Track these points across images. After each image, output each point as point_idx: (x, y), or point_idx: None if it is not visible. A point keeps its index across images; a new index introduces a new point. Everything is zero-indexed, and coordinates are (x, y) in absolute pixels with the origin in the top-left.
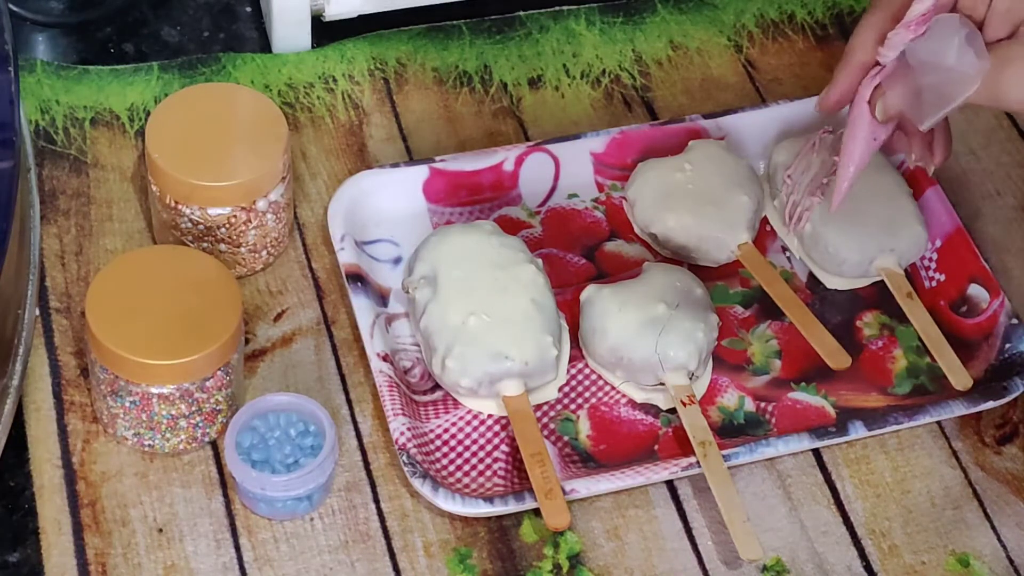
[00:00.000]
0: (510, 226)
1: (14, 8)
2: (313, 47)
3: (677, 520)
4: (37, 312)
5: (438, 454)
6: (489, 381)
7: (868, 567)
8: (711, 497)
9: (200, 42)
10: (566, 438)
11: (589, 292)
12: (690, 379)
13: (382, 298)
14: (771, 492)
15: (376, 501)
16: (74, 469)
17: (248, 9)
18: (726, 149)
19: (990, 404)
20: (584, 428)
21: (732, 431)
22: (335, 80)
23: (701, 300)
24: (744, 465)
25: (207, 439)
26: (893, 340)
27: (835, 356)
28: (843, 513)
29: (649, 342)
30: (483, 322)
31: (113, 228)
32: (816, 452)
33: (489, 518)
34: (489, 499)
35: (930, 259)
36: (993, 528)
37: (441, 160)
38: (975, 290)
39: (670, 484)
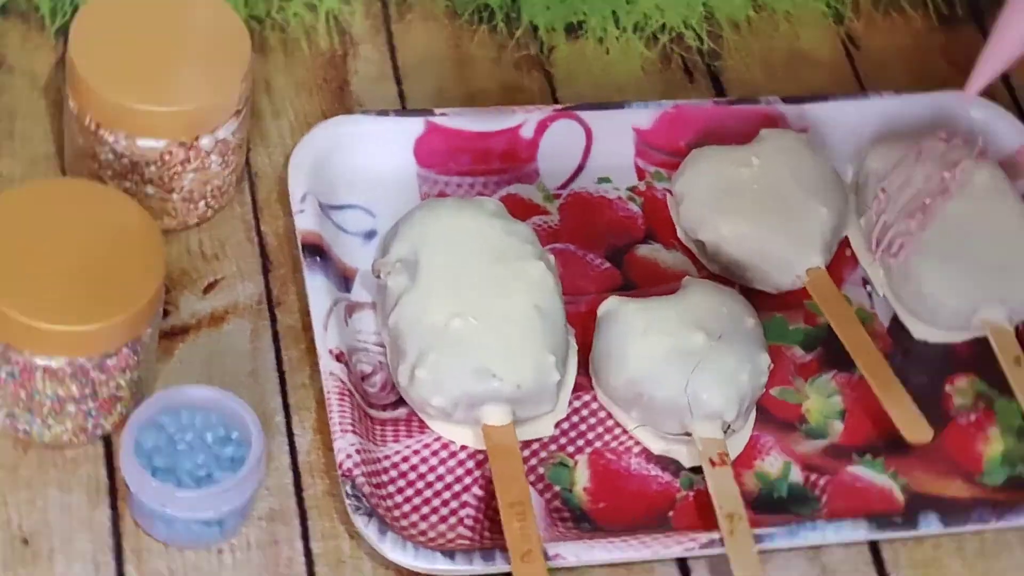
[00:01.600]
0: (520, 209)
1: None
2: None
3: None
4: None
5: (392, 488)
6: (468, 403)
7: None
8: None
9: None
10: (557, 488)
11: (609, 305)
12: (724, 432)
13: (345, 280)
14: None
15: (305, 538)
16: None
17: None
18: (807, 144)
19: None
20: (582, 478)
21: (770, 505)
22: None
23: (751, 334)
24: (780, 551)
25: (100, 432)
26: (990, 415)
27: (913, 427)
28: None
29: (678, 379)
30: (470, 326)
31: (13, 148)
32: (874, 546)
33: None
34: (450, 553)
35: None
36: None
37: (442, 114)
38: None
39: (682, 563)
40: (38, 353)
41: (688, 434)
